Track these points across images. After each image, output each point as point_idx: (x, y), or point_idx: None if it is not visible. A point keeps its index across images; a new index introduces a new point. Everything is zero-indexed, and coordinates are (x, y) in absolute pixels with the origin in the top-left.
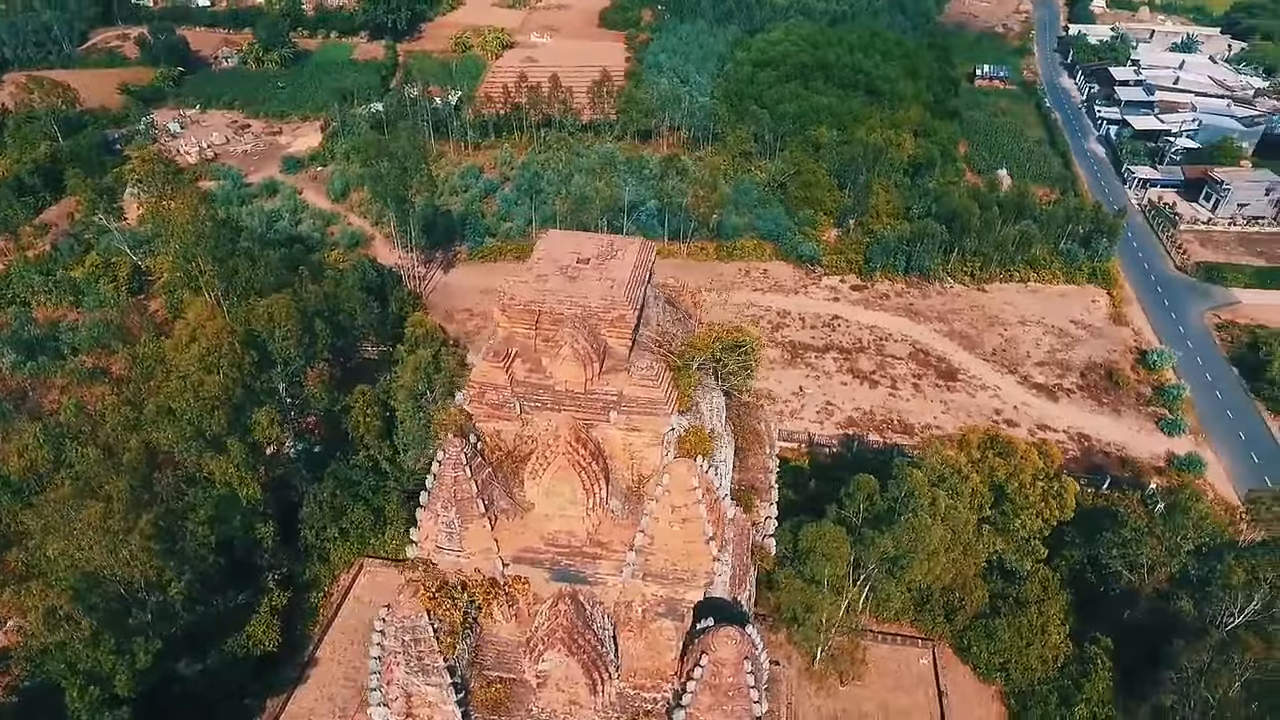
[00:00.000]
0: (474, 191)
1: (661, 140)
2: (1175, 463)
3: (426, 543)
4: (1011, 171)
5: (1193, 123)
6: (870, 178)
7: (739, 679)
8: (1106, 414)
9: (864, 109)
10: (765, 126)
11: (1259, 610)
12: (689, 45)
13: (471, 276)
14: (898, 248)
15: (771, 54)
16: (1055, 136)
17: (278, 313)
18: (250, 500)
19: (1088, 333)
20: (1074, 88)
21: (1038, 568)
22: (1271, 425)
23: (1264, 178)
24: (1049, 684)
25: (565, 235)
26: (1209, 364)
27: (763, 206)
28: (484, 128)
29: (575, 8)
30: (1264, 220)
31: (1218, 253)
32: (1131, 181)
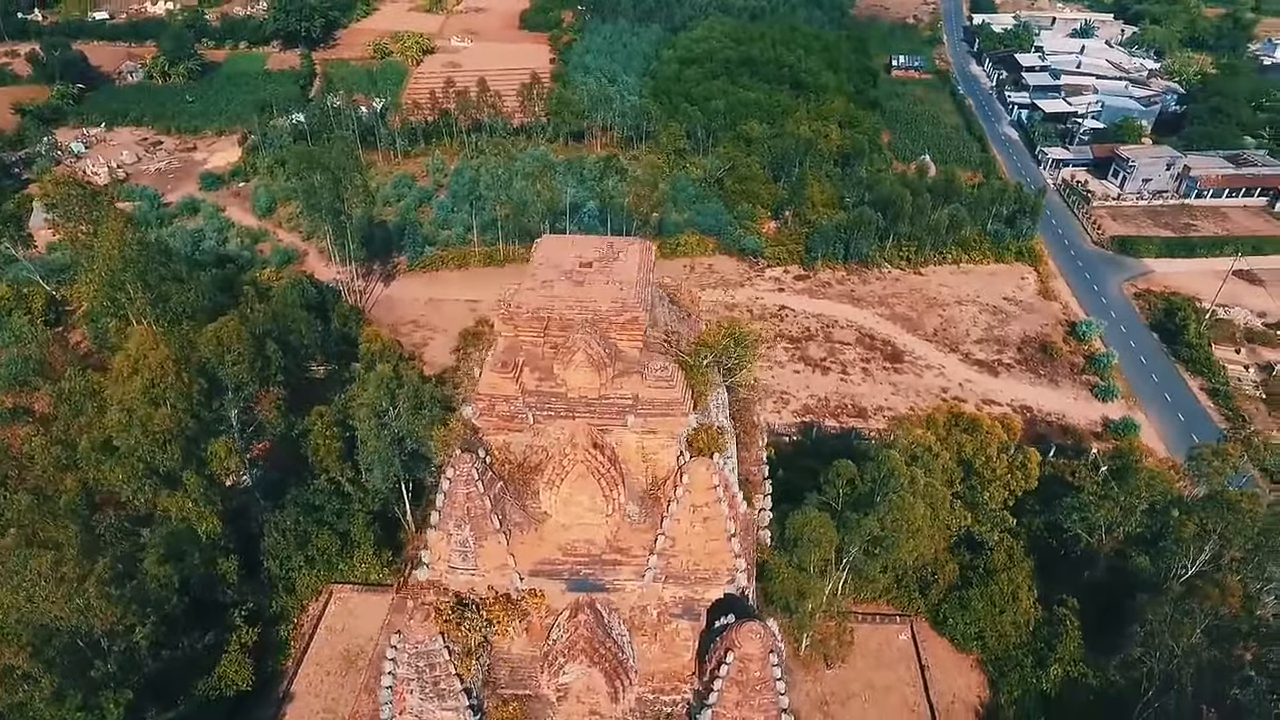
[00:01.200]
0: (408, 201)
1: (594, 141)
2: (1112, 427)
3: (439, 564)
4: (934, 158)
5: (1096, 104)
6: (803, 170)
7: (766, 673)
8: (1045, 385)
9: (791, 102)
10: (697, 123)
11: (1209, 561)
12: (613, 45)
13: (414, 288)
14: (837, 236)
15: (697, 51)
16: (971, 122)
17: (226, 336)
18: (210, 535)
19: (1020, 309)
20: (984, 75)
21: (1003, 537)
22: (1192, 385)
23: (1164, 153)
24: (1023, 648)
25: (562, 239)
26: (1131, 332)
27: (701, 202)
28: (412, 135)
29: (493, 10)
30: (1166, 194)
31: (1128, 226)
32: (1045, 162)
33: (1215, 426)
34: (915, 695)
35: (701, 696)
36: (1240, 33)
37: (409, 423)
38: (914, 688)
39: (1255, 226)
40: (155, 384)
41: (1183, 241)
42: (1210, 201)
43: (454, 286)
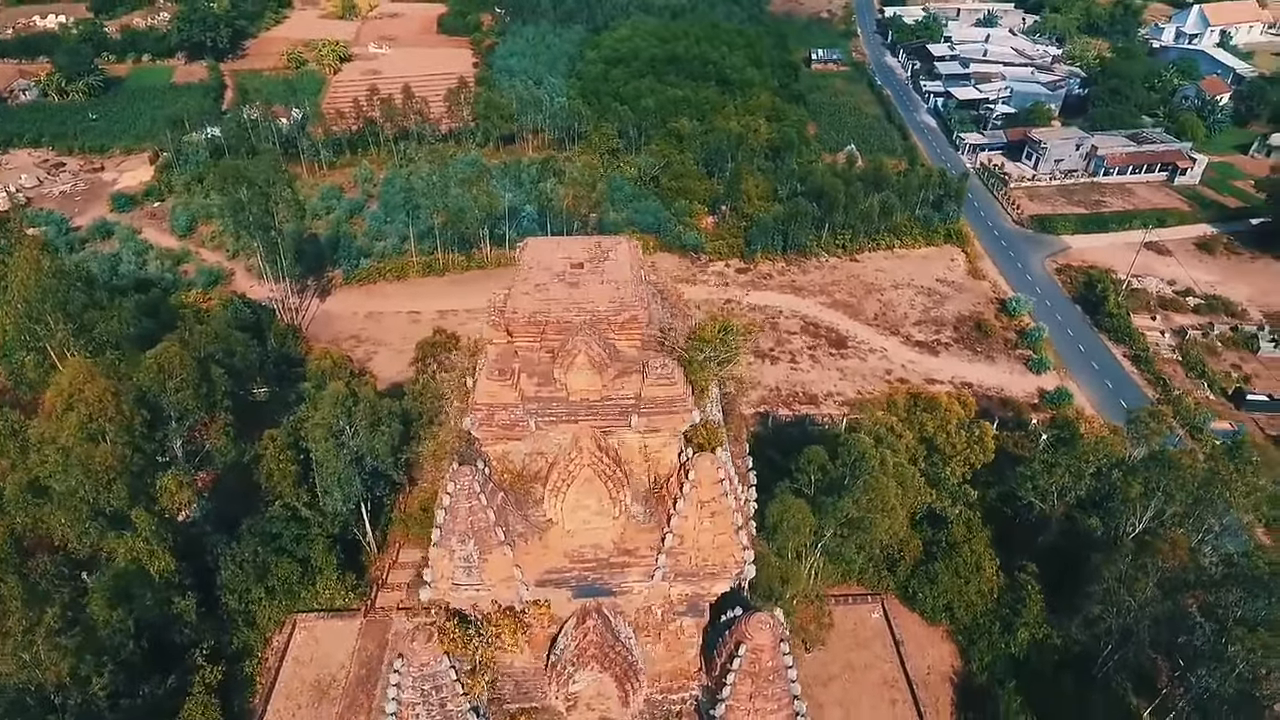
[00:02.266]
0: (338, 213)
1: (525, 144)
2: (1047, 398)
3: (441, 582)
4: (859, 147)
5: (1006, 90)
6: (736, 164)
7: (777, 662)
8: (982, 361)
9: (718, 98)
10: (628, 122)
11: (1153, 518)
12: (536, 47)
13: (352, 302)
14: (775, 228)
15: (622, 51)
16: (891, 112)
17: (168, 362)
18: (164, 574)
19: (952, 289)
20: (898, 66)
21: (962, 511)
22: (1116, 353)
23: (1073, 134)
24: (989, 615)
25: (548, 241)
26: (1057, 306)
27: (638, 201)
28: (337, 146)
29: (410, 15)
30: (1077, 173)
31: (1044, 205)
32: (963, 147)
33: (1140, 390)
34: (893, 670)
35: (713, 691)
36: (1131, 18)
37: (367, 441)
38: (891, 663)
39: (1158, 200)
40: (93, 419)
41: (1095, 218)
42: (1116, 179)
43: (393, 298)
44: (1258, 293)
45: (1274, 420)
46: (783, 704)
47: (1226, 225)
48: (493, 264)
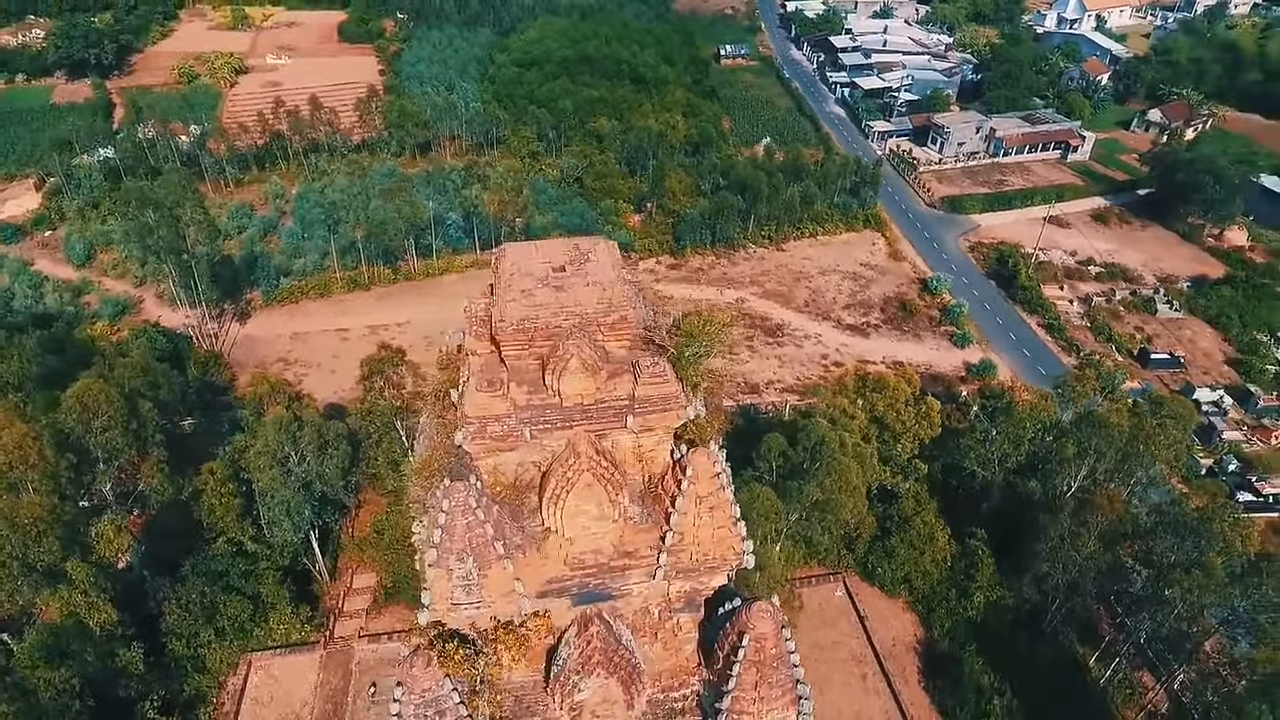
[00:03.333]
0: (252, 231)
1: (442, 151)
2: (974, 370)
3: (440, 603)
4: (775, 140)
5: (907, 79)
6: (658, 162)
7: (780, 649)
8: (910, 340)
9: (634, 97)
10: (546, 125)
11: (1086, 476)
12: (444, 52)
13: (274, 323)
14: (702, 223)
15: (534, 53)
16: (801, 104)
17: (92, 401)
18: (104, 626)
19: (876, 272)
20: (804, 59)
21: (910, 485)
22: (1030, 323)
23: (972, 118)
24: (945, 583)
25: (525, 246)
26: (973, 282)
27: (563, 203)
28: (243, 162)
29: (306, 24)
30: (979, 155)
31: (952, 187)
32: (872, 135)
33: (1055, 357)
34: (860, 646)
35: (716, 685)
36: (1015, 6)
37: (316, 466)
38: (858, 639)
39: (1054, 177)
40: (13, 467)
41: (1000, 196)
42: (1015, 158)
43: (319, 317)
44: (1150, 259)
45: (1176, 376)
46: (787, 689)
47: (1117, 197)
48: (420, 275)
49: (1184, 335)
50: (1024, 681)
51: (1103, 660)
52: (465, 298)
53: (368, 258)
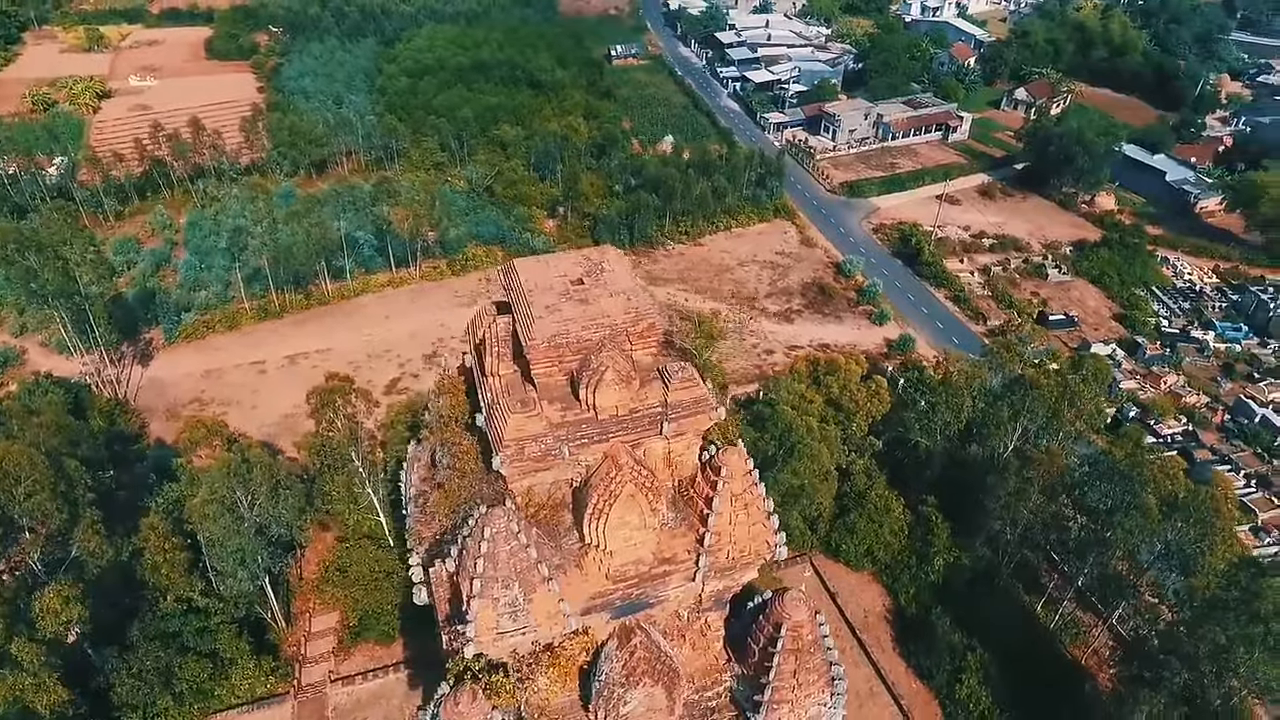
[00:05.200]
0: (143, 266)
1: (339, 168)
2: (895, 345)
3: (485, 634)
4: (676, 137)
5: (794, 70)
6: (566, 165)
7: (815, 635)
8: (832, 322)
9: (534, 102)
10: (448, 134)
11: (1020, 436)
12: (327, 65)
13: (182, 362)
14: (620, 223)
15: (425, 61)
16: (695, 100)
17: (13, 465)
18: (54, 708)
19: (791, 259)
20: (693, 55)
21: (863, 462)
22: (938, 296)
23: (861, 105)
24: (905, 551)
25: (534, 262)
26: (881, 262)
27: (475, 213)
28: (120, 192)
29: (169, 42)
30: (869, 140)
31: (849, 173)
32: (768, 127)
33: (965, 326)
34: (834, 621)
35: (750, 679)
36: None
37: (270, 509)
38: (831, 615)
39: (938, 157)
40: None
41: (894, 179)
42: (902, 142)
43: (230, 351)
44: (1035, 228)
45: (1072, 335)
46: (822, 673)
47: (997, 172)
48: (335, 298)
49: (1073, 296)
50: (987, 635)
51: (1048, 606)
52: (384, 319)
53: (276, 285)
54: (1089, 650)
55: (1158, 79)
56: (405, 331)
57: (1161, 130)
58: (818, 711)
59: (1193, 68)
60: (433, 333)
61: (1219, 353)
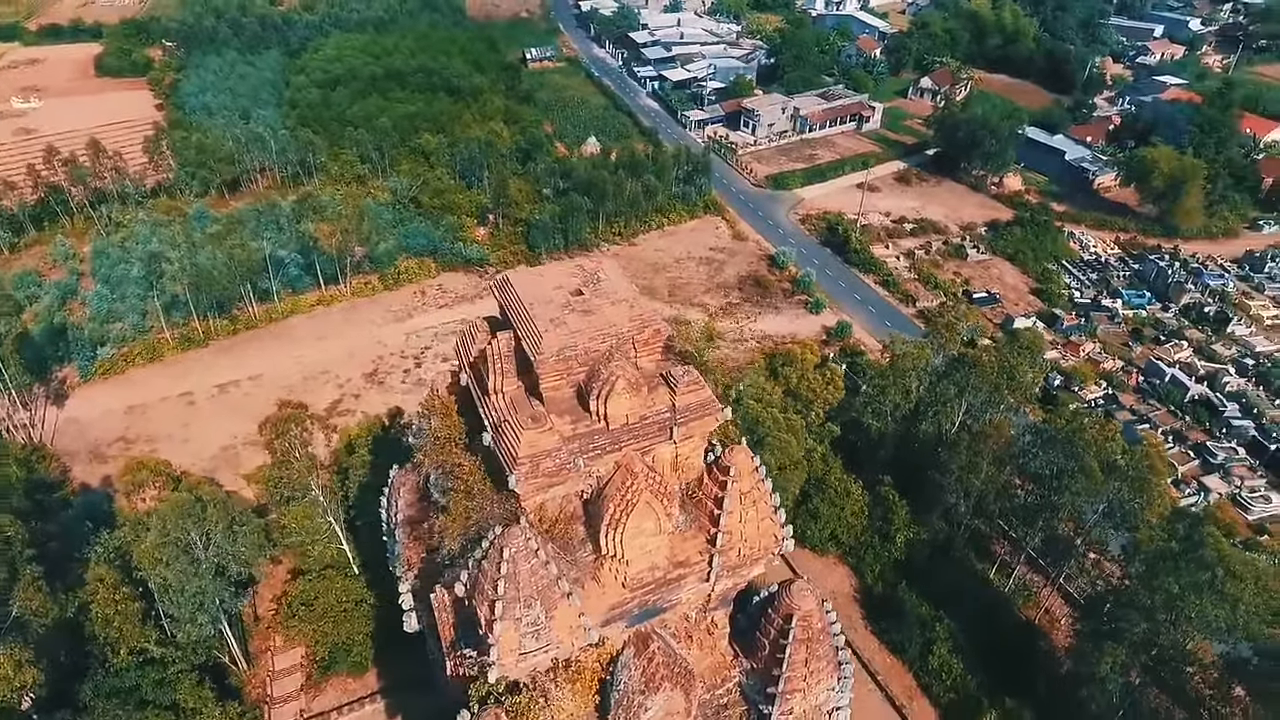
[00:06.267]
0: (47, 301)
1: (254, 185)
2: (833, 333)
3: (508, 656)
4: (600, 138)
5: (709, 68)
6: (493, 171)
7: (824, 622)
8: (771, 313)
9: (453, 108)
10: (367, 146)
11: (967, 412)
12: (230, 79)
13: (101, 400)
14: (553, 227)
15: (336, 71)
16: (615, 101)
17: None
18: None
19: (725, 254)
20: (608, 56)
21: (820, 448)
22: (868, 282)
23: (778, 100)
24: (868, 531)
25: (529, 274)
26: (812, 251)
27: (403, 225)
28: (13, 223)
29: (53, 61)
30: (788, 133)
31: (771, 166)
32: (689, 124)
33: (896, 309)
34: None
35: (760, 672)
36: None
37: (228, 547)
38: None
39: (855, 147)
40: None
41: (815, 170)
42: (819, 133)
43: (154, 384)
44: (950, 210)
45: (996, 311)
46: (830, 660)
47: (911, 159)
48: (263, 321)
49: (993, 274)
50: (950, 605)
51: (1001, 572)
52: (318, 340)
53: (199, 311)
54: (1041, 610)
55: (1049, 63)
56: (341, 351)
57: (1057, 112)
58: (827, 697)
59: (1079, 52)
60: (370, 350)
61: (1128, 319)
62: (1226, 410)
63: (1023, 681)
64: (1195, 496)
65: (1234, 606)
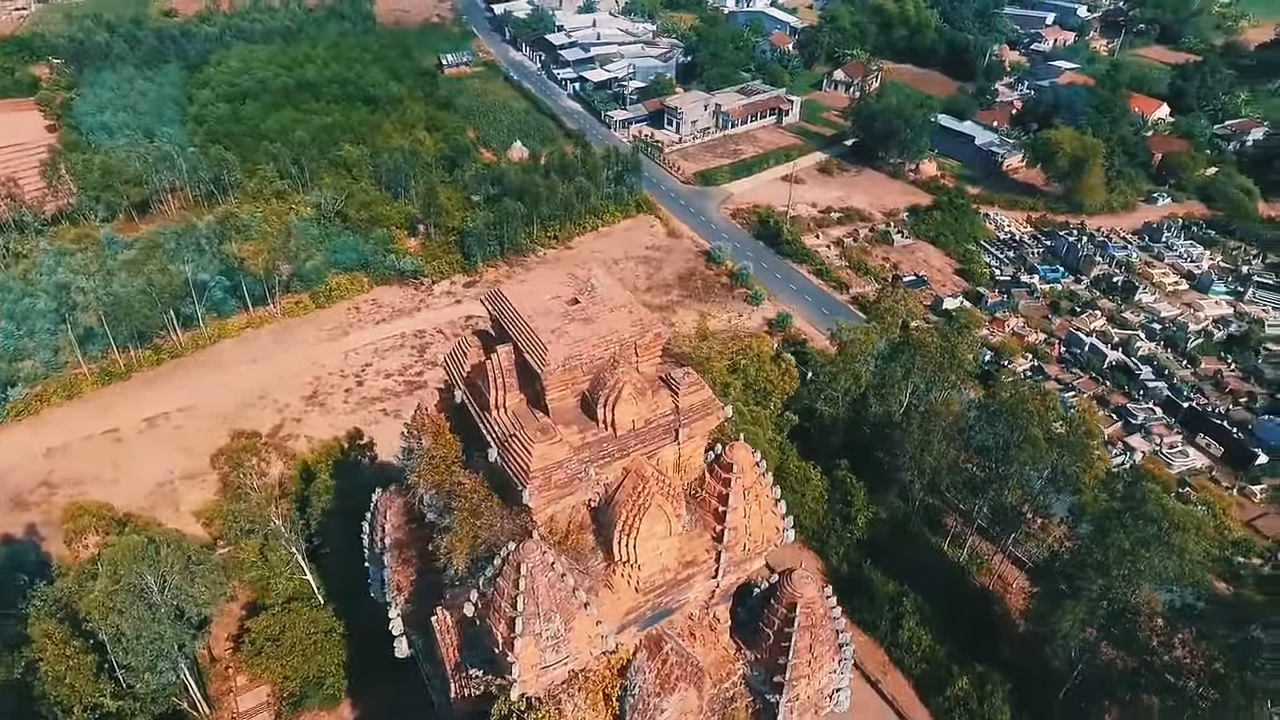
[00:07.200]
0: None
1: (165, 207)
2: (774, 324)
3: (529, 671)
4: (525, 142)
5: (629, 68)
6: (420, 181)
7: (825, 608)
8: (714, 308)
9: (372, 118)
10: (285, 160)
11: (913, 392)
12: (128, 97)
13: (16, 444)
14: (488, 234)
15: (244, 85)
16: (537, 104)
17: None
18: None
19: (662, 252)
20: (526, 59)
21: (779, 438)
22: (802, 271)
23: (700, 97)
24: (829, 515)
25: (522, 288)
26: (745, 245)
27: (329, 240)
28: None
29: None
30: (711, 130)
31: (698, 162)
32: (613, 125)
33: (831, 297)
34: None
35: (765, 663)
36: None
37: (186, 589)
38: None
39: (777, 140)
40: None
41: (741, 165)
42: (741, 129)
43: (74, 423)
44: (873, 198)
45: (925, 293)
46: (832, 644)
47: (831, 150)
48: (189, 349)
49: (919, 257)
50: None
51: (954, 544)
52: (250, 364)
53: (118, 341)
54: (994, 576)
55: (951, 53)
56: (276, 375)
57: (963, 99)
58: (829, 680)
59: (978, 41)
60: (307, 371)
61: (1045, 293)
62: (1141, 373)
63: (987, 646)
64: (1122, 456)
65: (1181, 556)
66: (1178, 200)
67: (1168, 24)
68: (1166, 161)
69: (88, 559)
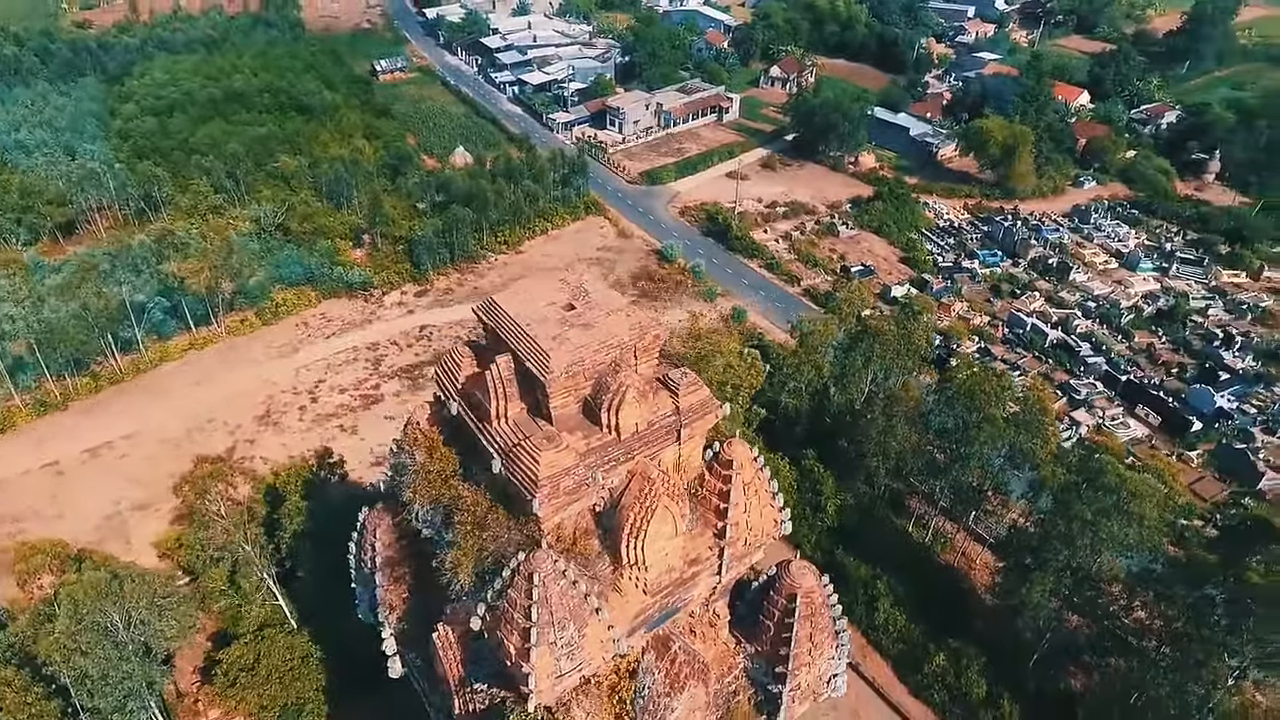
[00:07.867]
0: None
1: (93, 227)
2: (731, 319)
3: (544, 681)
4: (468, 147)
5: (568, 69)
6: (363, 190)
7: (824, 597)
8: (671, 306)
9: (308, 128)
10: (219, 174)
11: (873, 380)
12: (44, 112)
13: None
14: (437, 241)
15: (170, 97)
16: (476, 108)
17: None
18: None
19: (614, 253)
20: (462, 63)
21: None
22: (753, 266)
23: (641, 97)
24: (800, 504)
25: (512, 295)
26: (696, 242)
27: (272, 254)
28: None
29: None
30: (653, 129)
31: (643, 162)
32: (555, 127)
33: (783, 290)
34: None
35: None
36: None
37: (155, 624)
38: None
39: (719, 138)
40: None
41: (685, 163)
42: (683, 127)
43: (9, 458)
44: (815, 191)
45: (873, 282)
46: (829, 632)
47: (772, 145)
48: (129, 374)
49: (864, 248)
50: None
51: (918, 525)
52: (196, 386)
53: (52, 370)
54: (958, 554)
55: (880, 47)
56: (222, 396)
57: (897, 92)
58: (828, 667)
59: (906, 34)
60: (257, 391)
61: (986, 277)
62: (1081, 350)
63: (959, 622)
64: (1069, 431)
65: (1140, 523)
66: (1102, 183)
67: (1083, 14)
68: (1090, 146)
69: (42, 599)
